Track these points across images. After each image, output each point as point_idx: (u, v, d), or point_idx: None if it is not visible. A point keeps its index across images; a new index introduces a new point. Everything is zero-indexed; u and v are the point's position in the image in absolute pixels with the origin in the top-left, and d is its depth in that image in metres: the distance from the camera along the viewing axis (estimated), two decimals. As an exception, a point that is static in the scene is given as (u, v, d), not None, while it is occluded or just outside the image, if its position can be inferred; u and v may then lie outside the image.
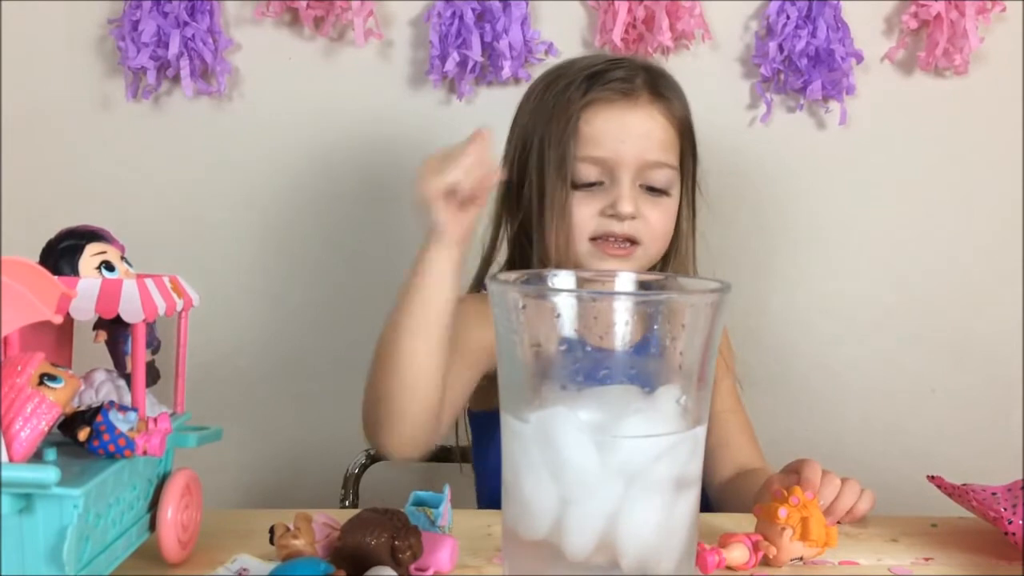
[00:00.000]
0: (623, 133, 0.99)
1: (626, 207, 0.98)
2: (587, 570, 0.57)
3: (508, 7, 1.32)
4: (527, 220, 1.03)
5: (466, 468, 1.16)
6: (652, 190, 1.01)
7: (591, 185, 1.00)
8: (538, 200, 1.01)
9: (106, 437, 0.60)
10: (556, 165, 1.00)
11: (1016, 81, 1.38)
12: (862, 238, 1.41)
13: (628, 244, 1.00)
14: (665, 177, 1.01)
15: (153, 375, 0.70)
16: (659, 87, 1.02)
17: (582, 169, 1.00)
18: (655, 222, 1.00)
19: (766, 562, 0.74)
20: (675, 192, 1.03)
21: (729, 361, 1.12)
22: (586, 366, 0.57)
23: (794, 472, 0.84)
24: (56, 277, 0.59)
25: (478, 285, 1.10)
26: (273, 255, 1.43)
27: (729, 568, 0.73)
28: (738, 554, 0.72)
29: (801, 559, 0.74)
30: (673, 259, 1.07)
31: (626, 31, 1.33)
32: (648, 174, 1.00)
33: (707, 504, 1.10)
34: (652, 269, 1.04)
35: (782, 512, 0.73)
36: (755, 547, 0.73)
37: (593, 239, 1.00)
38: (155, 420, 0.63)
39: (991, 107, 1.38)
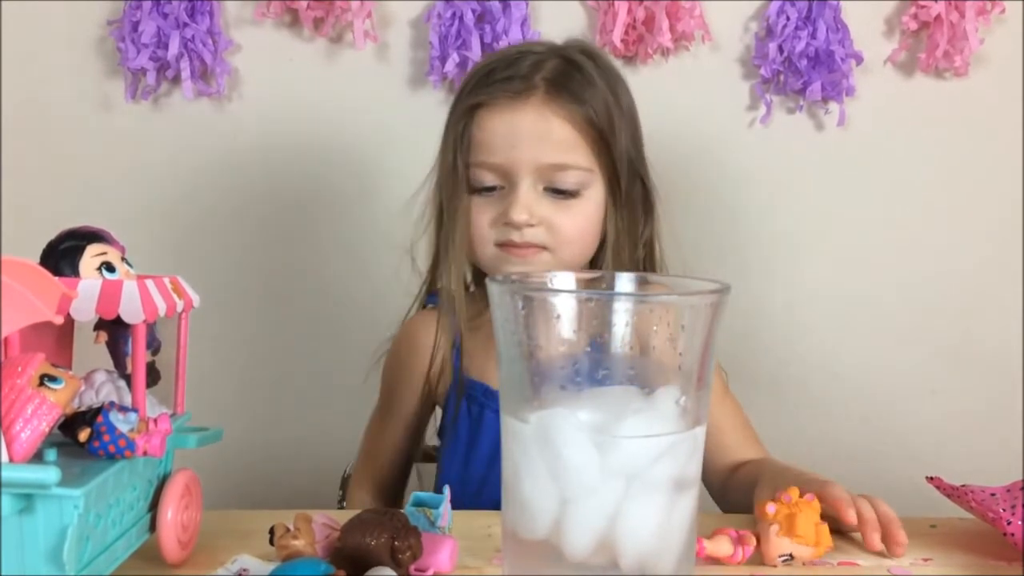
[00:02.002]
0: (513, 137, 0.93)
1: (518, 214, 0.92)
2: (587, 570, 0.57)
3: (508, 8, 1.32)
4: (440, 227, 1.00)
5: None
6: (559, 192, 0.94)
7: (491, 189, 0.95)
8: (444, 206, 0.98)
9: (106, 438, 0.60)
10: (450, 172, 0.96)
11: (1016, 82, 1.38)
12: (862, 239, 1.41)
13: (534, 249, 0.95)
14: (573, 179, 0.93)
15: (153, 376, 0.70)
16: (562, 84, 0.94)
17: (477, 174, 0.95)
18: (562, 226, 0.94)
19: (760, 560, 0.74)
20: (590, 192, 0.95)
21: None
22: (585, 367, 0.57)
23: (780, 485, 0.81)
24: (57, 278, 0.59)
25: (429, 292, 1.08)
26: (273, 255, 1.43)
27: (715, 560, 0.73)
28: (721, 546, 0.72)
29: (791, 556, 0.73)
30: (603, 262, 0.99)
31: (626, 32, 1.33)
32: (551, 176, 0.93)
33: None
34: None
35: (770, 508, 0.73)
36: (740, 540, 0.73)
37: (498, 245, 0.96)
38: (155, 421, 0.63)
39: (991, 109, 1.38)
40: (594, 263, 1.00)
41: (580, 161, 0.94)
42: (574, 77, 0.95)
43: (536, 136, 0.93)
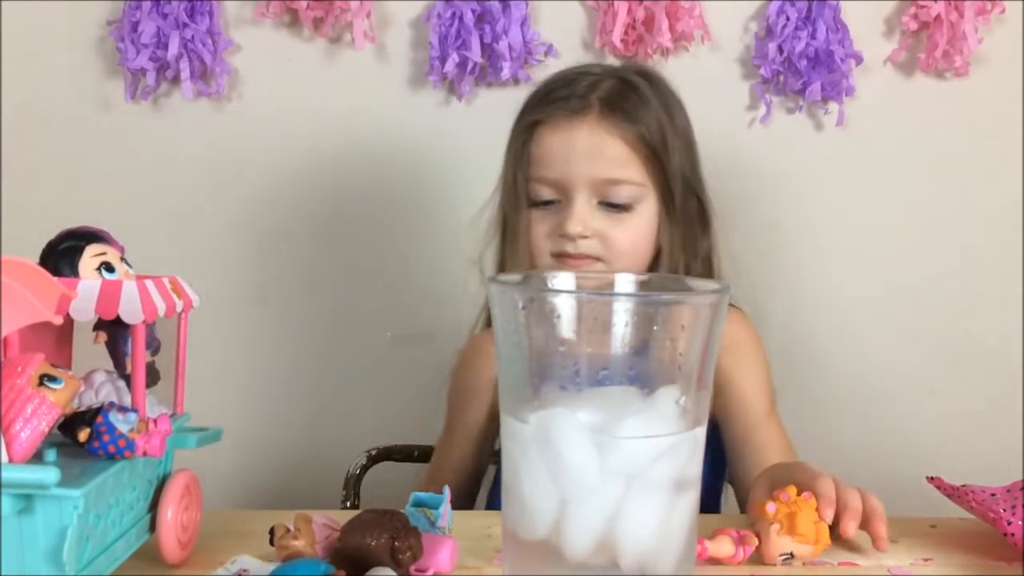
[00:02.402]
0: (568, 153, 0.98)
1: (573, 227, 0.97)
2: (586, 570, 0.57)
3: (508, 8, 1.32)
4: (504, 240, 1.05)
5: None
6: (613, 206, 0.99)
7: (548, 203, 1.00)
8: (503, 220, 1.03)
9: (106, 438, 0.60)
10: (511, 186, 1.01)
11: (1016, 82, 1.38)
12: (862, 239, 1.41)
13: (588, 260, 0.99)
14: (626, 193, 0.99)
15: (153, 376, 0.70)
16: (616, 103, 0.99)
17: (535, 188, 1.00)
18: (615, 239, 0.98)
19: (759, 559, 0.74)
20: (643, 207, 1.00)
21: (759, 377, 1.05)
22: (586, 367, 0.57)
23: (787, 481, 0.82)
24: (56, 278, 0.59)
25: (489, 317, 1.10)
26: (273, 256, 1.43)
27: (716, 561, 0.73)
28: (723, 546, 0.72)
29: (791, 555, 0.73)
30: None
31: (625, 32, 1.33)
32: (605, 191, 0.98)
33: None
34: None
35: (770, 507, 0.73)
36: (741, 540, 0.73)
37: (554, 256, 1.00)
38: (155, 421, 0.63)
39: (991, 109, 1.38)
40: None
41: (633, 176, 0.99)
42: (629, 97, 1.00)
43: (590, 152, 0.98)
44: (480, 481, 1.10)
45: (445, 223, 1.41)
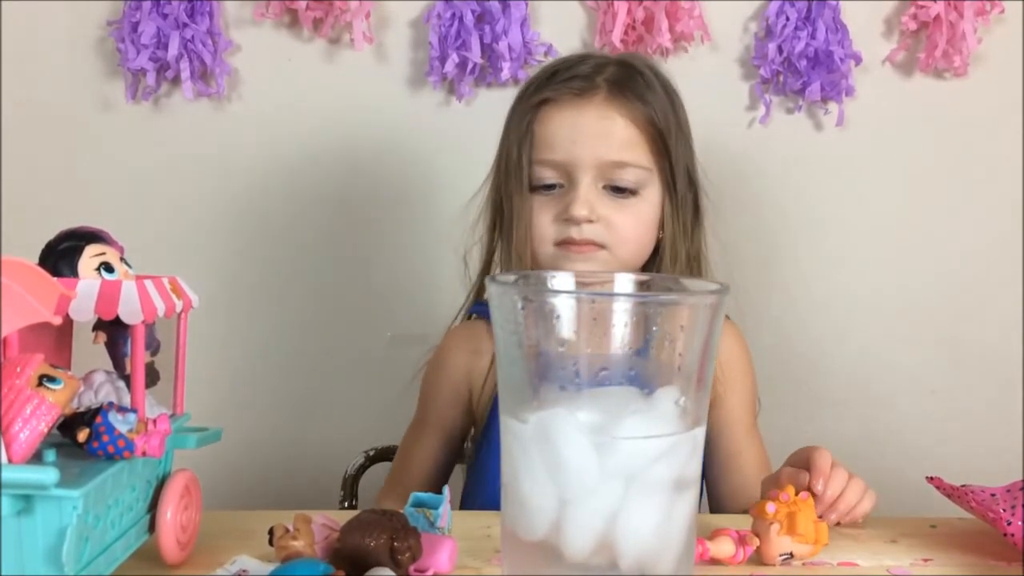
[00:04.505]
0: (575, 133, 0.96)
1: (579, 210, 0.94)
2: (586, 571, 0.57)
3: (508, 8, 1.32)
4: (499, 226, 1.03)
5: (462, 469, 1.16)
6: (618, 190, 0.97)
7: (551, 188, 0.98)
8: (504, 205, 1.00)
9: (105, 438, 0.60)
10: (514, 169, 0.98)
11: (1015, 83, 1.38)
12: (861, 239, 1.41)
13: (592, 247, 0.97)
14: (632, 176, 0.96)
15: (152, 376, 0.70)
16: (624, 84, 0.97)
17: (538, 171, 0.97)
18: (620, 224, 0.96)
19: (758, 559, 0.74)
20: (648, 193, 0.98)
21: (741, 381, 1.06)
22: (585, 367, 0.57)
23: (804, 462, 0.84)
24: (55, 278, 0.59)
25: (476, 301, 1.08)
26: (272, 256, 1.43)
27: (716, 561, 0.73)
28: (724, 547, 0.73)
29: (791, 555, 0.73)
30: (661, 264, 1.02)
31: (625, 32, 1.33)
32: (611, 174, 0.96)
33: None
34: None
35: (770, 507, 0.73)
36: (741, 541, 0.73)
37: (557, 244, 0.97)
38: (154, 421, 0.63)
39: (990, 109, 1.38)
40: (648, 266, 1.03)
41: (640, 160, 0.97)
42: (636, 79, 0.98)
43: (598, 133, 0.95)
44: (447, 477, 1.08)
45: (445, 224, 1.41)
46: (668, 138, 0.98)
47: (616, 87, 0.97)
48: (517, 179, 0.98)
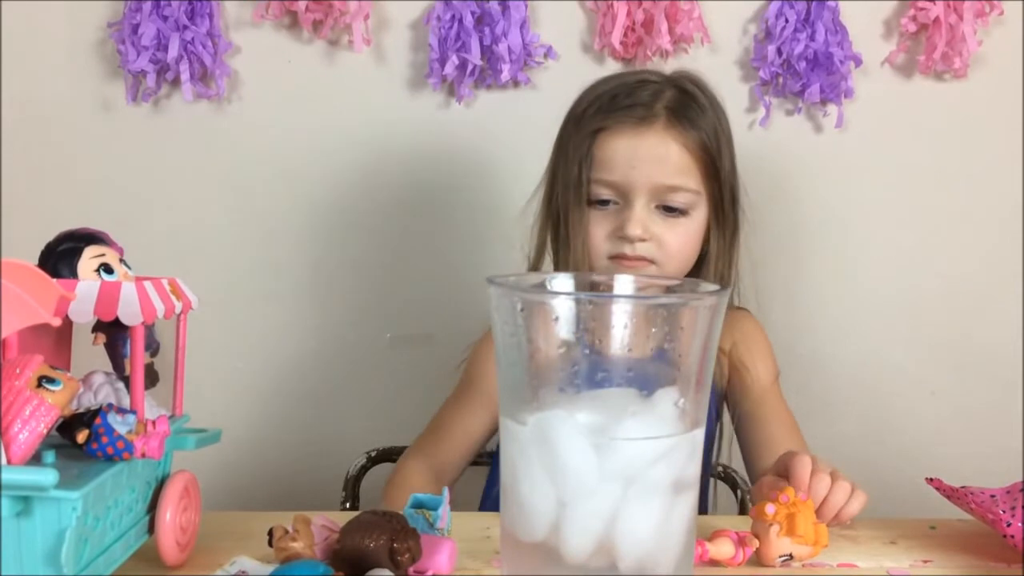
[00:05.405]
0: (634, 159, 1.01)
1: (633, 230, 1.00)
2: (585, 572, 0.57)
3: (507, 10, 1.32)
4: (556, 234, 1.07)
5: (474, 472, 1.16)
6: (669, 210, 1.02)
7: (605, 203, 1.03)
8: (561, 216, 1.05)
9: (105, 440, 0.60)
10: (573, 185, 1.03)
11: (1015, 84, 1.38)
12: (861, 241, 1.41)
13: (644, 262, 1.02)
14: (683, 199, 1.02)
15: (152, 377, 0.71)
16: (681, 111, 1.03)
17: (595, 189, 1.03)
18: (670, 243, 1.02)
19: (758, 561, 0.74)
20: (696, 213, 1.04)
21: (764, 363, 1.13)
22: (584, 369, 0.57)
23: (785, 470, 0.84)
24: (55, 280, 0.59)
25: None
26: (271, 257, 1.43)
27: (716, 562, 0.73)
28: (723, 548, 0.73)
29: (791, 556, 0.73)
30: (703, 275, 1.07)
31: (625, 34, 1.33)
32: (664, 196, 1.02)
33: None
34: None
35: (769, 508, 0.74)
36: (741, 542, 0.73)
37: (610, 257, 1.03)
38: (154, 423, 0.63)
39: (990, 110, 1.38)
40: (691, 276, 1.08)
41: (691, 184, 1.02)
42: (691, 106, 1.04)
43: (655, 159, 1.01)
44: (466, 464, 1.09)
45: (444, 224, 1.41)
46: (717, 160, 1.04)
47: (674, 115, 1.02)
48: (576, 195, 1.03)
